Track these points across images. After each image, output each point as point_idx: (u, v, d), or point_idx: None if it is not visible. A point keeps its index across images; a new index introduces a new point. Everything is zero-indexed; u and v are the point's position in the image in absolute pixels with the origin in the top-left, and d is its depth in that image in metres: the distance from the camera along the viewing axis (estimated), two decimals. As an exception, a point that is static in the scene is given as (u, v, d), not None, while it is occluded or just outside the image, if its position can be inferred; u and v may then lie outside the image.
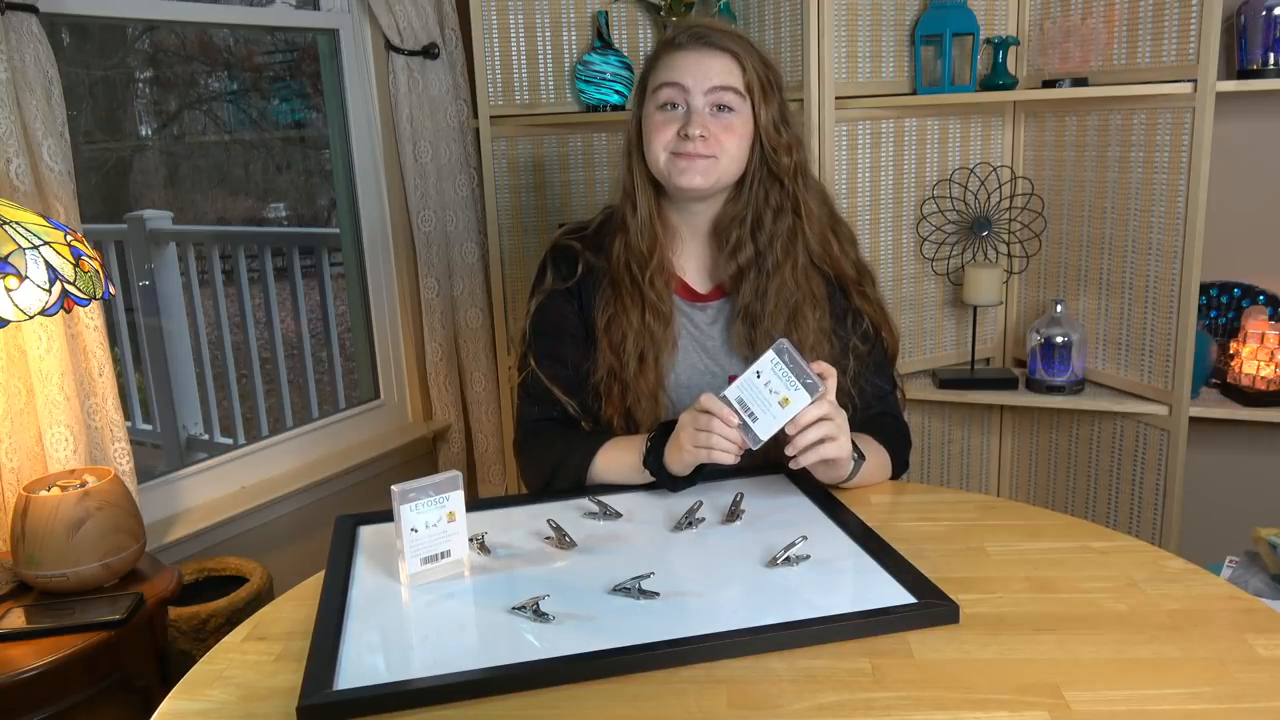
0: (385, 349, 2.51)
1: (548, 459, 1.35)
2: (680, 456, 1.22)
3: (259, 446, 2.23)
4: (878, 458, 1.33)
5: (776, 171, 1.36)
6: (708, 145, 1.30)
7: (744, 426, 1.15)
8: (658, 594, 1.00)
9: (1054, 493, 2.32)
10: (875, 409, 1.42)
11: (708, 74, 1.31)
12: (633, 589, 1.01)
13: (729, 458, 1.18)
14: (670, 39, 1.35)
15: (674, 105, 1.32)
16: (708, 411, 1.17)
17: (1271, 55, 1.96)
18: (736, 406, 1.16)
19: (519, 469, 1.43)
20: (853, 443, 1.23)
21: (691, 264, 1.44)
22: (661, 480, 1.26)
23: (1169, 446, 2.04)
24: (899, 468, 1.38)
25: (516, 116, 2.33)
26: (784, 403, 1.14)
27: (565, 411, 1.40)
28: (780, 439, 1.18)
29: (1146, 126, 1.99)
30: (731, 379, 1.39)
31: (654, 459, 1.25)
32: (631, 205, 1.38)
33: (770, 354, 1.15)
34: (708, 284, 1.43)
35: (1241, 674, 0.86)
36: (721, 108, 1.32)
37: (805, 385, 1.14)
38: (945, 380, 2.25)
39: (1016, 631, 0.93)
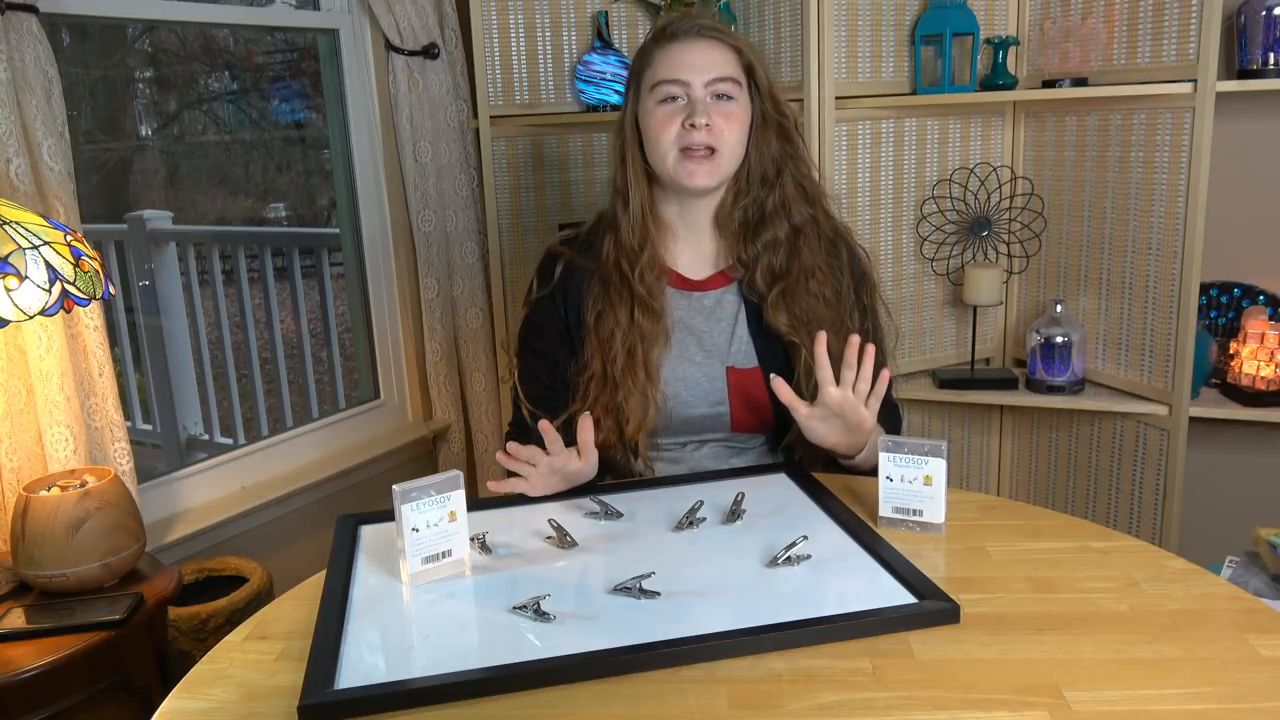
0: (385, 349, 2.50)
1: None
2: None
3: (259, 446, 2.23)
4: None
5: (774, 156, 1.39)
6: (711, 135, 1.32)
7: (920, 526, 1.14)
8: (658, 594, 1.00)
9: (1054, 493, 2.32)
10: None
11: (706, 65, 1.32)
12: (633, 589, 1.01)
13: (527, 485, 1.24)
14: (660, 33, 1.37)
15: (675, 98, 1.33)
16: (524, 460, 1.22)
17: (1271, 55, 1.96)
18: (896, 515, 1.15)
19: None
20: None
21: (686, 254, 1.45)
22: None
23: (1169, 446, 2.04)
24: None
25: (516, 116, 2.33)
26: (927, 480, 1.13)
27: (525, 420, 1.45)
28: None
29: (1146, 127, 1.99)
30: (729, 370, 1.40)
31: None
32: (623, 201, 1.40)
33: (884, 456, 1.14)
34: (706, 271, 1.44)
35: (1242, 674, 0.86)
36: (721, 96, 1.33)
37: (929, 453, 1.12)
38: (945, 380, 2.25)
39: (1017, 631, 0.93)
